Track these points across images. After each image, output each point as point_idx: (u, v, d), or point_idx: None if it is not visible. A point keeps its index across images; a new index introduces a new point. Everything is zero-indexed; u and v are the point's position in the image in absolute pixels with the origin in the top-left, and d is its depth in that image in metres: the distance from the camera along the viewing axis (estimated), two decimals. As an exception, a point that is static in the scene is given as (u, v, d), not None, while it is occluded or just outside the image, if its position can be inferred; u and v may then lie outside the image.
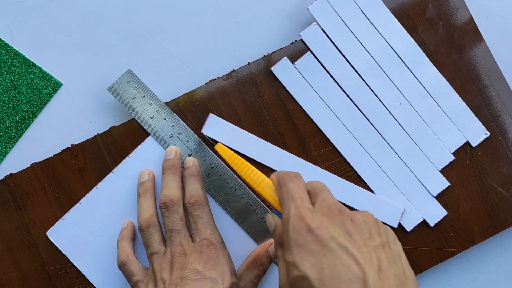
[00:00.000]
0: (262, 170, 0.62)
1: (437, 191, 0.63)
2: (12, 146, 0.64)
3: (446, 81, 0.64)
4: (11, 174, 0.62)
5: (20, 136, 0.64)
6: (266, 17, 0.66)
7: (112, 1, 0.65)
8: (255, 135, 0.63)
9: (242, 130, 0.62)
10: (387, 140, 0.63)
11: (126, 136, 0.62)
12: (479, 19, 0.67)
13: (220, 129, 0.62)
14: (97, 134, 0.62)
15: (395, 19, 0.64)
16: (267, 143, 0.63)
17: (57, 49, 0.65)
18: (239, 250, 0.62)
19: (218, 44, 0.66)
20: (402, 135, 0.63)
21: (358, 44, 0.64)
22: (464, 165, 0.64)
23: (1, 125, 0.63)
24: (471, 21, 0.65)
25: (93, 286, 0.62)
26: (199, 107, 0.62)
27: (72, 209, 0.62)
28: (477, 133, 0.64)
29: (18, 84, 0.63)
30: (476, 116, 0.64)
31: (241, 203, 0.62)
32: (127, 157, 0.62)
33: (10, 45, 0.64)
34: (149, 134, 0.62)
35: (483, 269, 0.68)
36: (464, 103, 0.64)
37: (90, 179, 0.62)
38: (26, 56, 0.64)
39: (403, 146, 0.63)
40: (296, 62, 0.63)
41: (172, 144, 0.62)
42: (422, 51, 0.64)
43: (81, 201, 0.62)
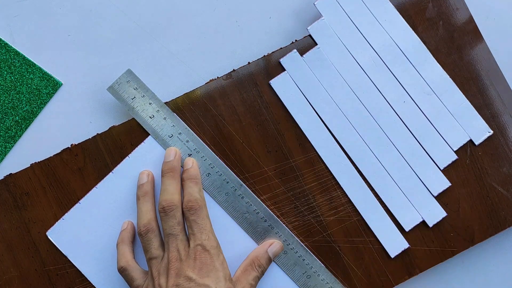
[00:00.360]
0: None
1: (438, 191, 0.63)
2: (12, 146, 0.64)
3: (450, 79, 0.64)
4: (11, 174, 0.61)
5: (20, 136, 0.64)
6: (266, 17, 0.66)
7: (112, 1, 0.65)
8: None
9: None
10: (390, 138, 0.63)
11: (126, 136, 0.62)
12: (479, 19, 0.67)
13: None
14: (97, 134, 0.62)
15: (400, 16, 0.64)
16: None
17: (57, 49, 0.65)
18: (239, 250, 0.62)
19: (218, 44, 0.66)
20: (405, 133, 0.63)
21: (363, 41, 0.64)
22: (464, 165, 0.64)
23: (1, 125, 0.63)
24: (471, 21, 0.65)
25: (93, 286, 0.62)
26: (199, 107, 0.62)
27: (72, 209, 0.61)
28: (480, 131, 0.64)
29: (18, 84, 0.63)
30: (476, 116, 0.65)
31: (241, 203, 0.62)
32: (127, 157, 0.62)
33: (10, 45, 0.64)
34: (149, 134, 0.62)
35: (483, 269, 0.68)
36: (468, 101, 0.64)
37: (90, 179, 0.62)
38: (26, 56, 0.64)
39: (406, 144, 0.63)
40: (305, 55, 0.63)
41: (172, 144, 0.61)
42: (427, 49, 0.64)
43: (81, 201, 0.61)
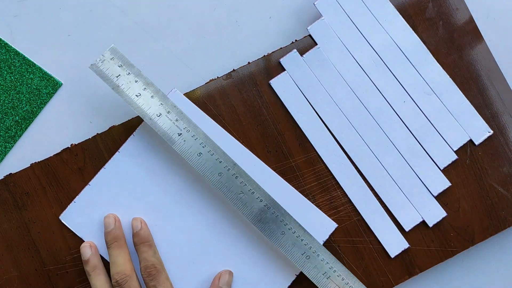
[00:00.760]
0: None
1: (438, 191, 0.63)
2: (12, 146, 0.64)
3: (450, 79, 0.64)
4: (11, 174, 0.61)
5: (20, 136, 0.64)
6: (266, 17, 0.66)
7: (112, 1, 0.65)
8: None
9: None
10: (390, 138, 0.63)
11: (126, 136, 0.62)
12: (479, 19, 0.67)
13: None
14: (97, 134, 0.62)
15: (400, 16, 0.64)
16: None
17: (57, 49, 0.64)
18: (239, 247, 0.62)
19: (218, 44, 0.66)
20: (405, 133, 0.63)
21: (363, 41, 0.64)
22: (464, 165, 0.64)
23: (1, 125, 0.63)
24: (471, 21, 0.65)
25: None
26: (199, 107, 0.62)
27: (83, 191, 0.62)
28: (480, 131, 0.64)
29: (18, 84, 0.63)
30: (476, 116, 0.65)
31: (235, 183, 0.60)
32: (132, 135, 0.62)
33: (10, 45, 0.64)
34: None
35: (483, 269, 0.68)
36: (468, 101, 0.64)
37: (90, 179, 0.62)
38: (26, 56, 0.64)
39: (406, 144, 0.63)
40: (305, 55, 0.63)
41: (161, 123, 0.59)
42: (427, 49, 0.64)
43: (91, 183, 0.61)
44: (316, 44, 0.63)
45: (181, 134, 0.59)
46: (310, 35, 0.64)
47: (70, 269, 0.62)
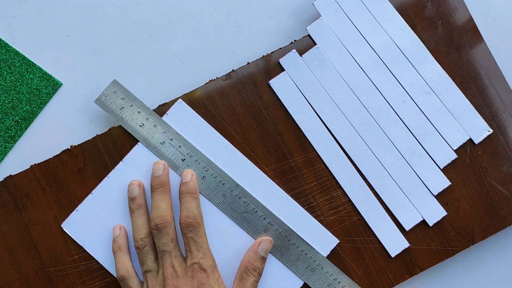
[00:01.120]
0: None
1: (438, 190, 0.64)
2: (12, 146, 0.63)
3: (449, 78, 0.64)
4: (11, 176, 0.61)
5: (20, 136, 0.64)
6: (266, 17, 0.66)
7: (112, 1, 0.65)
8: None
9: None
10: (390, 138, 0.63)
11: (126, 137, 0.62)
12: (479, 19, 0.67)
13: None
14: (97, 135, 0.62)
15: (399, 16, 0.64)
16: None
17: (57, 49, 0.65)
18: (241, 250, 0.62)
19: (218, 44, 0.66)
20: (405, 133, 0.64)
21: (362, 40, 0.64)
22: (464, 164, 0.64)
23: (1, 125, 0.63)
24: (470, 20, 0.65)
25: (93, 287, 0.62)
26: (199, 108, 0.62)
27: (85, 200, 0.62)
28: (480, 130, 0.64)
29: (18, 84, 0.63)
30: (476, 115, 0.65)
31: (239, 203, 0.62)
32: (137, 145, 0.62)
33: (10, 45, 0.64)
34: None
35: (483, 269, 0.68)
36: (467, 100, 0.64)
37: (90, 180, 0.62)
38: (26, 56, 0.64)
39: (406, 144, 0.64)
40: (304, 55, 0.63)
41: (165, 151, 0.61)
42: (426, 48, 0.64)
43: (94, 192, 0.62)
44: (315, 44, 0.64)
45: (185, 160, 0.62)
46: (309, 35, 0.64)
47: (71, 271, 0.62)
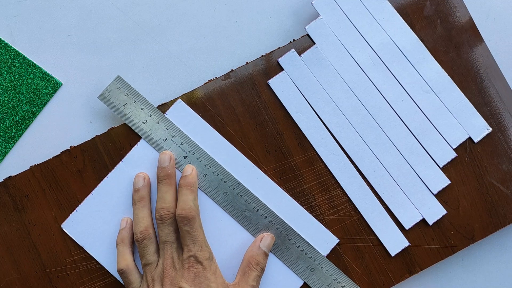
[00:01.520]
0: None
1: (438, 189, 0.64)
2: (12, 146, 0.63)
3: (448, 77, 0.64)
4: (10, 177, 0.61)
5: (20, 136, 0.64)
6: (266, 17, 0.66)
7: (112, 1, 0.65)
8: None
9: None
10: (389, 137, 0.64)
11: (125, 137, 0.62)
12: (479, 19, 0.67)
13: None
14: (96, 136, 0.62)
15: (398, 15, 0.64)
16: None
17: (57, 49, 0.65)
18: (242, 248, 0.62)
19: (218, 44, 0.66)
20: (404, 132, 0.64)
21: (361, 39, 0.64)
22: (464, 163, 0.64)
23: (1, 125, 0.63)
24: (469, 19, 0.65)
25: None
26: (198, 108, 0.62)
27: (85, 201, 0.62)
28: (479, 129, 0.64)
29: (18, 84, 0.63)
30: (475, 114, 0.65)
31: (240, 201, 0.62)
32: (136, 145, 0.62)
33: (10, 45, 0.64)
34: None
35: (483, 268, 0.68)
36: (466, 99, 0.64)
37: (90, 181, 0.62)
38: (26, 56, 0.64)
39: (405, 143, 0.64)
40: (303, 55, 0.63)
41: (167, 148, 0.61)
42: (425, 47, 0.64)
43: (93, 192, 0.62)
44: (314, 44, 0.64)
45: (187, 157, 0.62)
46: (308, 35, 0.64)
47: (71, 271, 0.62)
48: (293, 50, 0.63)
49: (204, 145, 0.62)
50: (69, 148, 0.62)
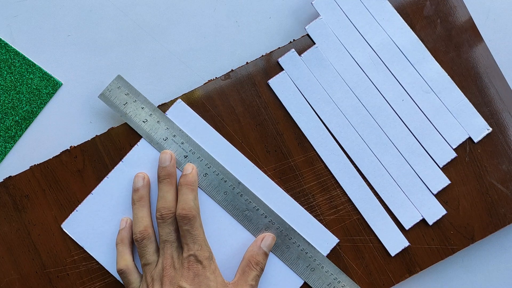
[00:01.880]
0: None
1: (438, 189, 0.64)
2: (12, 146, 0.63)
3: (448, 77, 0.64)
4: (10, 177, 0.61)
5: (20, 136, 0.64)
6: (266, 17, 0.66)
7: (112, 1, 0.65)
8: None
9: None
10: (389, 137, 0.63)
11: (125, 138, 0.62)
12: (479, 19, 0.67)
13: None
14: (96, 136, 0.62)
15: (398, 15, 0.64)
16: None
17: (57, 49, 0.65)
18: (242, 248, 0.62)
19: (218, 44, 0.66)
20: (404, 132, 0.64)
21: (361, 39, 0.64)
22: (464, 163, 0.64)
23: (1, 125, 0.63)
24: (469, 19, 0.65)
25: None
26: (198, 108, 0.62)
27: (85, 201, 0.62)
28: (479, 129, 0.64)
29: (18, 84, 0.63)
30: (475, 114, 0.65)
31: (241, 201, 0.62)
32: (136, 145, 0.62)
33: (10, 45, 0.64)
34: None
35: (483, 268, 0.68)
36: (466, 99, 0.64)
37: (90, 181, 0.62)
38: (26, 56, 0.64)
39: (405, 143, 0.64)
40: (303, 55, 0.63)
41: (167, 147, 0.61)
42: (425, 47, 0.64)
43: (93, 192, 0.62)
44: (314, 44, 0.64)
45: (187, 156, 0.62)
46: (308, 35, 0.64)
47: (71, 271, 0.62)
48: (293, 50, 0.63)
49: (204, 145, 0.62)
50: (69, 148, 0.62)
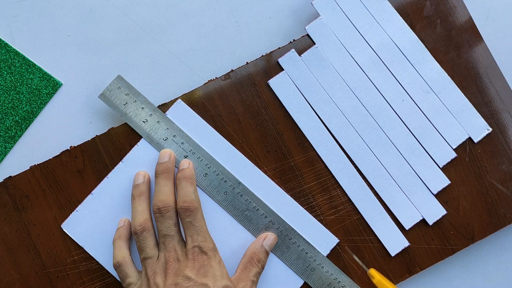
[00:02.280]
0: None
1: (438, 189, 0.64)
2: (12, 146, 0.63)
3: (448, 77, 0.64)
4: (10, 177, 0.61)
5: (20, 136, 0.64)
6: (266, 17, 0.66)
7: (112, 1, 0.65)
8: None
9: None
10: (389, 137, 0.64)
11: (125, 138, 0.62)
12: (479, 19, 0.67)
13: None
14: (96, 136, 0.62)
15: (398, 15, 0.64)
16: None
17: (57, 49, 0.65)
18: (239, 246, 0.62)
19: (218, 44, 0.66)
20: (404, 132, 0.64)
21: (361, 39, 0.64)
22: (464, 163, 0.64)
23: (1, 125, 0.63)
24: (469, 19, 0.65)
25: (94, 288, 0.62)
26: (198, 108, 0.62)
27: (85, 201, 0.62)
28: (479, 129, 0.64)
29: (18, 84, 0.63)
30: (475, 114, 0.65)
31: (241, 201, 0.62)
32: (136, 145, 0.62)
33: (10, 45, 0.64)
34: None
35: (483, 268, 0.68)
36: (466, 99, 0.64)
37: (90, 181, 0.62)
38: (26, 56, 0.64)
39: (405, 143, 0.64)
40: (303, 55, 0.63)
41: (167, 147, 0.61)
42: (425, 47, 0.64)
43: (93, 192, 0.62)
44: (314, 44, 0.64)
45: (187, 156, 0.62)
46: (308, 35, 0.64)
47: (71, 272, 0.62)
48: (293, 50, 0.63)
49: (204, 146, 0.62)
50: (69, 148, 0.62)
